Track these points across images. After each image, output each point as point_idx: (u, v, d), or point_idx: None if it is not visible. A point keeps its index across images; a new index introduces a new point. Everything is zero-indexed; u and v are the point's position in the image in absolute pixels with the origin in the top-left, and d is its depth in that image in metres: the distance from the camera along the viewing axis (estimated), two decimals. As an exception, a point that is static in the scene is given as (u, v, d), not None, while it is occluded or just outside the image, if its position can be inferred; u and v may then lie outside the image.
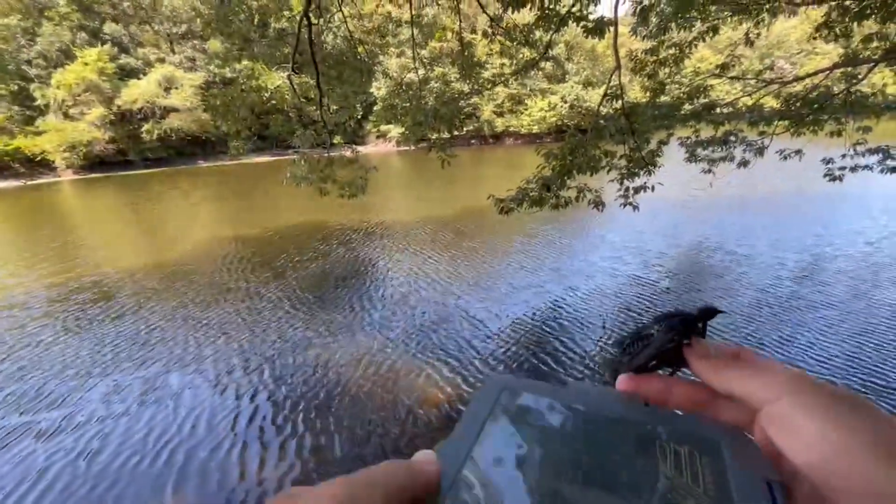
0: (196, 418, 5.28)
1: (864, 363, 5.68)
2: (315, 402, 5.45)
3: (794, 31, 52.24)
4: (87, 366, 6.58)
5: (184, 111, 41.47)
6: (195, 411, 5.42)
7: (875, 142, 6.70)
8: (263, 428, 5.07)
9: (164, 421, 5.26)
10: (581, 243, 11.67)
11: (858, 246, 9.92)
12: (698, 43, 7.10)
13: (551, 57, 10.96)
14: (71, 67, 38.85)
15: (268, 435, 4.95)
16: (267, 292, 9.13)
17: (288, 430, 4.99)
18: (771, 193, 15.73)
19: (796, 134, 6.80)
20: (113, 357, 6.81)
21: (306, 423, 5.10)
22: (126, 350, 7.00)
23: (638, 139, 5.95)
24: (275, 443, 4.82)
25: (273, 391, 5.74)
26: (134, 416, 5.38)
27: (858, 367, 5.61)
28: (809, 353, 5.96)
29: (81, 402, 5.71)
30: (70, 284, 10.25)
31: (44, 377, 6.31)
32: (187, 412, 5.40)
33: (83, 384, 6.10)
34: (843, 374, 5.49)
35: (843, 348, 6.03)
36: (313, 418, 5.16)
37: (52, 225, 18.21)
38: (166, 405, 5.56)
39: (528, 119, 47.52)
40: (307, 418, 5.17)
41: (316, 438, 4.84)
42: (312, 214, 16.42)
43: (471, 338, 6.86)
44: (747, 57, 47.24)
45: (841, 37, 6.75)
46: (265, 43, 8.93)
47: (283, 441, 4.83)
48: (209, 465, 4.55)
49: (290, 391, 5.71)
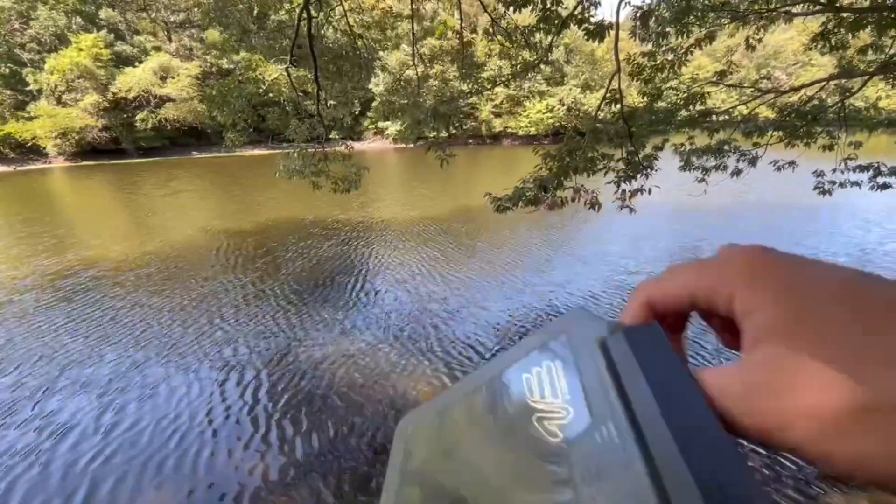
0: (176, 409, 5.24)
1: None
2: (304, 397, 5.42)
3: (790, 42, 52.80)
4: (59, 354, 6.50)
5: (179, 101, 41.08)
6: (175, 402, 5.37)
7: (865, 156, 6.79)
8: (250, 420, 5.04)
9: (146, 411, 5.22)
10: (576, 242, 11.72)
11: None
12: (695, 50, 7.15)
13: (551, 60, 10.95)
14: (65, 52, 38.33)
15: (252, 427, 4.92)
16: (256, 285, 9.07)
17: (273, 424, 4.97)
18: (767, 201, 15.90)
19: (790, 146, 6.87)
20: (85, 347, 6.73)
21: (293, 416, 5.07)
22: (102, 339, 6.93)
23: (635, 143, 5.98)
24: (257, 436, 4.79)
25: (260, 384, 5.70)
26: (110, 406, 5.33)
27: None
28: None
29: (58, 392, 5.64)
30: (49, 270, 10.12)
31: (18, 367, 6.23)
32: (167, 402, 5.36)
33: (57, 374, 6.02)
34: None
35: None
36: (301, 412, 5.14)
37: (38, 210, 17.96)
38: (148, 395, 5.51)
39: (525, 121, 47.62)
40: (295, 412, 5.15)
41: (301, 433, 4.82)
42: (306, 209, 16.35)
43: (461, 336, 6.87)
44: (744, 66, 47.72)
45: (836, 48, 6.83)
46: (263, 35, 8.86)
47: (265, 435, 4.81)
48: (189, 456, 4.52)
49: (278, 385, 5.68)
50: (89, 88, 38.94)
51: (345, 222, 14.63)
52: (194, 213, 17.27)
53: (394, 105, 9.48)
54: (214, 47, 38.52)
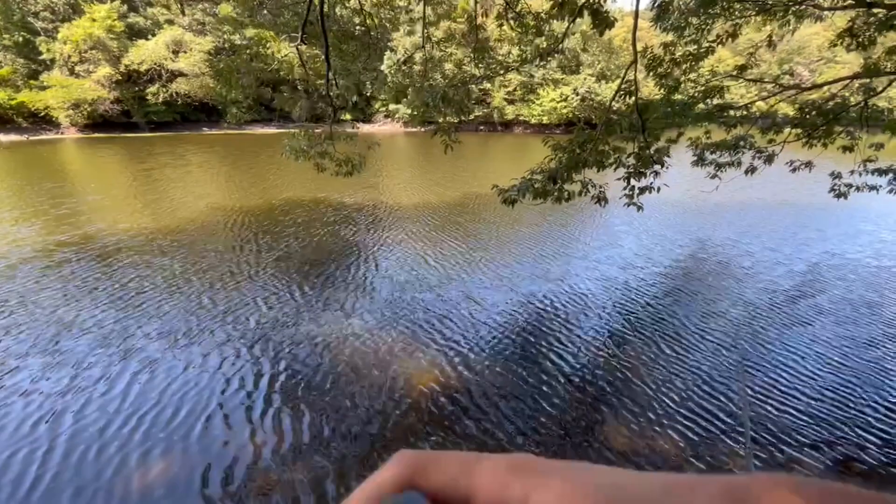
0: (181, 389, 5.29)
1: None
2: (307, 379, 5.45)
3: (815, 38, 51.27)
4: (66, 325, 6.57)
5: (191, 76, 40.81)
6: (179, 382, 5.42)
7: (887, 159, 6.59)
8: (254, 401, 5.07)
9: (149, 390, 5.27)
10: (584, 236, 11.59)
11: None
12: (716, 46, 6.91)
13: (563, 49, 10.69)
14: (78, 22, 38.10)
15: (257, 408, 4.96)
16: (263, 266, 9.09)
17: (276, 405, 5.00)
18: (786, 200, 15.61)
19: (808, 145, 6.67)
20: (94, 322, 6.80)
21: (297, 397, 5.10)
22: (111, 315, 6.99)
23: (648, 137, 5.83)
24: (262, 416, 4.83)
25: (263, 365, 5.74)
26: (118, 383, 5.39)
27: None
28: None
29: (65, 363, 5.71)
30: (55, 240, 10.20)
31: (27, 334, 6.31)
32: (169, 382, 5.41)
33: (65, 345, 6.09)
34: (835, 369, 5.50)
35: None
36: (304, 394, 5.17)
37: (52, 179, 18.07)
38: (152, 374, 5.57)
39: (538, 109, 46.86)
40: (298, 393, 5.18)
41: (305, 414, 4.85)
42: (313, 190, 16.30)
43: (465, 323, 6.85)
44: (765, 61, 46.50)
45: (863, 46, 6.56)
46: (273, 10, 8.69)
47: (270, 415, 4.84)
48: (194, 433, 4.57)
49: (281, 366, 5.71)
50: (102, 60, 38.77)
51: (355, 205, 14.57)
52: (202, 189, 17.29)
53: (402, 87, 9.31)
54: (226, 22, 38.09)
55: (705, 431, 4.71)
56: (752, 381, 5.58)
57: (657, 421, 4.86)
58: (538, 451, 4.42)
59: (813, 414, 5.02)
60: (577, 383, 5.55)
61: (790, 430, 4.74)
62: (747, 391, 5.35)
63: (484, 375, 5.64)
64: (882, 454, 4.44)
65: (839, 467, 4.27)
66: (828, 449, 4.51)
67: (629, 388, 5.45)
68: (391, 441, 4.50)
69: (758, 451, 4.39)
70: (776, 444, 4.53)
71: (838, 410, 5.10)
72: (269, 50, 10.50)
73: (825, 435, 4.70)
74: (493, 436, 4.62)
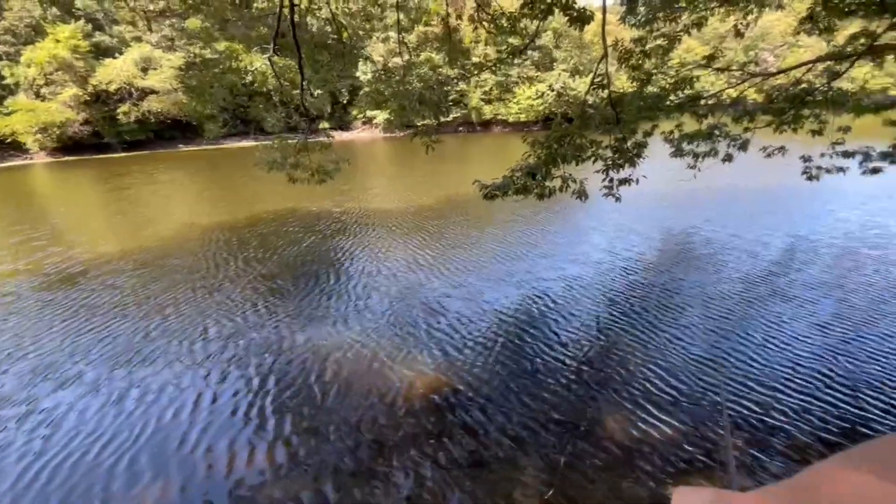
0: (174, 406, 5.18)
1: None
2: (300, 389, 5.38)
3: (778, 23, 52.73)
4: (48, 353, 6.39)
5: (163, 93, 40.17)
6: (170, 399, 5.31)
7: (854, 137, 6.79)
8: (247, 415, 4.99)
9: (139, 411, 5.14)
10: (566, 231, 11.70)
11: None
12: (683, 36, 7.05)
13: (537, 46, 10.76)
14: (42, 44, 37.24)
15: (252, 422, 4.87)
16: (243, 278, 8.96)
17: (273, 417, 4.92)
18: (759, 185, 15.98)
19: (778, 130, 6.84)
20: (77, 346, 6.62)
21: (292, 409, 5.03)
22: (97, 338, 6.82)
23: (624, 129, 5.92)
24: (257, 430, 4.75)
25: (255, 379, 5.65)
26: (107, 404, 5.25)
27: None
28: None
29: (45, 392, 5.54)
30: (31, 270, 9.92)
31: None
32: (160, 399, 5.29)
33: (44, 374, 5.92)
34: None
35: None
36: (299, 405, 5.10)
37: (13, 205, 17.56)
38: (141, 392, 5.44)
39: (516, 107, 47.27)
40: (292, 404, 5.10)
41: (302, 425, 4.78)
42: (292, 200, 16.19)
43: (455, 325, 6.84)
44: (731, 48, 47.61)
45: (825, 31, 6.77)
46: (243, 24, 8.61)
47: (266, 427, 4.76)
48: (186, 450, 4.47)
49: (273, 378, 5.62)
50: (68, 81, 37.94)
51: (329, 213, 14.48)
52: (180, 208, 16.99)
53: (380, 94, 9.29)
54: (196, 37, 37.63)
55: (691, 419, 4.78)
56: (730, 371, 5.68)
57: (649, 411, 4.92)
58: (538, 452, 4.44)
59: (788, 394, 5.15)
60: (572, 378, 5.58)
61: (769, 413, 4.85)
62: (724, 382, 5.39)
63: (473, 379, 5.64)
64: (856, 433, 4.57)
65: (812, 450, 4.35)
66: (806, 434, 4.62)
67: (625, 380, 5.50)
68: (386, 449, 4.46)
69: (736, 441, 4.43)
70: (754, 433, 4.62)
71: (814, 394, 5.23)
72: (241, 63, 10.39)
73: (803, 419, 4.81)
74: (484, 443, 4.63)
